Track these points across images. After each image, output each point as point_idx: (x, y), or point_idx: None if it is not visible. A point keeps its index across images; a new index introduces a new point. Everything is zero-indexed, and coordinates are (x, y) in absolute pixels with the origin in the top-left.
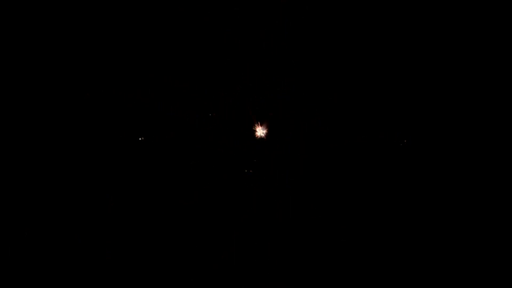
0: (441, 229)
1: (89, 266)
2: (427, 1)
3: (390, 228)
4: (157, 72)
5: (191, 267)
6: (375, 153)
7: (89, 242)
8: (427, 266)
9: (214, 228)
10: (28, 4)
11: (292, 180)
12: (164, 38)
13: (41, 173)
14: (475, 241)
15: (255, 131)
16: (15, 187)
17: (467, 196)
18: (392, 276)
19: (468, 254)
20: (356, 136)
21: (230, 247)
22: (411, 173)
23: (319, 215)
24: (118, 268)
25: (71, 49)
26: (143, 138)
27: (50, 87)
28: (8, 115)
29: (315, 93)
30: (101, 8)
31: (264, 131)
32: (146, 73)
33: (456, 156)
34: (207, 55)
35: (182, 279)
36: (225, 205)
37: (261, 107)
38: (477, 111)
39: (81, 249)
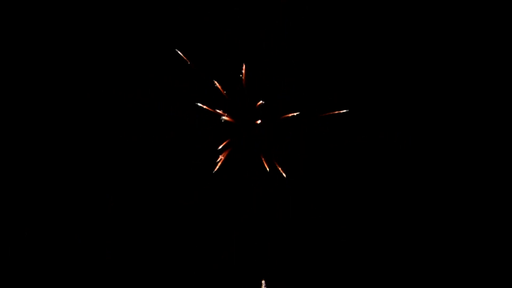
0: (440, 228)
1: (89, 266)
2: (427, 1)
3: (390, 228)
4: (157, 72)
5: (191, 267)
6: (375, 153)
7: (89, 242)
8: (426, 266)
9: (214, 228)
10: (28, 4)
11: (292, 180)
12: (164, 38)
13: (41, 173)
14: (475, 240)
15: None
16: (15, 187)
17: (466, 196)
18: (392, 275)
19: (467, 254)
20: (356, 136)
21: (230, 247)
22: (411, 173)
23: (319, 215)
24: (118, 268)
25: (71, 50)
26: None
27: (50, 88)
28: (8, 115)
29: (315, 93)
30: (101, 9)
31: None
32: (146, 73)
33: (456, 156)
34: (207, 55)
35: (183, 279)
36: (225, 205)
37: (261, 108)
38: (477, 111)
39: (81, 249)
